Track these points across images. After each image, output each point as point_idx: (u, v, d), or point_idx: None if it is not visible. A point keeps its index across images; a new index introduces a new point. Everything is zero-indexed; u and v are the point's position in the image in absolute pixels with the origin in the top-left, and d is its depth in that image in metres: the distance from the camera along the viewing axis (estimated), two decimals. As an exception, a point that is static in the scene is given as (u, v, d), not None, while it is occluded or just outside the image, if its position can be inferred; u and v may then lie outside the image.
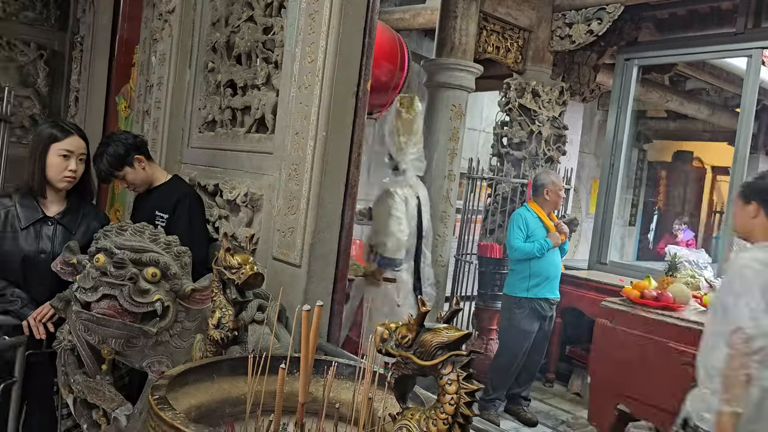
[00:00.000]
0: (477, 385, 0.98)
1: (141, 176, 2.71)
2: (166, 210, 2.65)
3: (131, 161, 2.65)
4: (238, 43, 2.83)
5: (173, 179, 2.80)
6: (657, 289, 3.53)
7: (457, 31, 4.47)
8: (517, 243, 4.12)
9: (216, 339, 1.68)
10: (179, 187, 2.77)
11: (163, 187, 2.76)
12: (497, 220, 5.12)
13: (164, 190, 2.74)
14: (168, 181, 2.78)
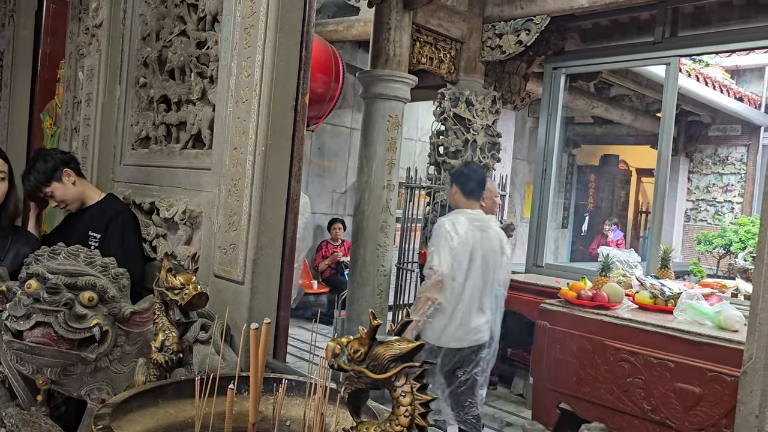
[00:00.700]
0: (431, 396, 0.99)
1: (71, 192, 2.61)
2: (99, 229, 2.56)
3: (59, 176, 2.56)
4: (171, 58, 2.78)
5: (107, 198, 2.72)
6: (592, 290, 3.67)
7: (391, 42, 4.53)
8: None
9: (160, 362, 1.63)
10: (112, 206, 2.68)
11: (96, 206, 2.67)
12: (437, 227, 5.19)
13: (97, 209, 2.65)
14: (101, 200, 2.69)
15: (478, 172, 3.58)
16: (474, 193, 3.49)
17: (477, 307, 3.37)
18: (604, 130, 10.82)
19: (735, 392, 2.88)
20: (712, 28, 4.94)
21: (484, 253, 3.36)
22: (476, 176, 3.52)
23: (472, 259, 3.31)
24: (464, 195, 3.48)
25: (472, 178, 3.49)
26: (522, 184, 10.15)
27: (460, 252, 3.25)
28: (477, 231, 3.36)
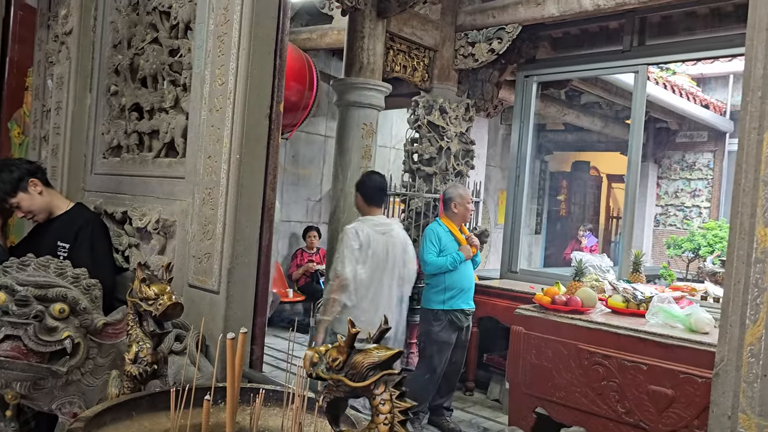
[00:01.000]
0: (410, 403, 1.00)
1: (38, 203, 2.56)
2: (68, 239, 2.51)
3: (25, 186, 2.51)
4: (143, 66, 2.75)
5: (75, 207, 2.67)
6: (566, 294, 3.70)
7: (365, 50, 4.54)
8: (430, 257, 4.21)
9: (134, 374, 1.60)
10: (81, 215, 2.64)
11: (65, 216, 2.62)
12: (412, 234, 5.20)
13: (66, 219, 2.60)
14: (70, 209, 2.64)
15: (375, 180, 3.87)
16: (374, 199, 3.81)
17: (383, 303, 3.75)
18: (576, 137, 10.99)
19: (706, 393, 2.94)
20: (678, 37, 5.05)
21: (387, 255, 3.74)
22: (374, 184, 3.84)
23: (376, 260, 3.69)
24: (366, 202, 3.81)
25: (370, 186, 3.83)
26: (495, 190, 10.24)
27: (363, 256, 3.64)
28: (379, 235, 3.72)
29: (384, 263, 3.72)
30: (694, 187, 10.31)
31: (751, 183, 1.10)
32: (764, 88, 1.09)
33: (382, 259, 3.71)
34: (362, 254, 3.64)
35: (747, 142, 1.11)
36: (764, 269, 1.07)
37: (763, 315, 1.06)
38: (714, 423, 1.12)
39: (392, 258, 3.78)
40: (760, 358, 1.06)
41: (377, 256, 3.68)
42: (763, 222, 1.07)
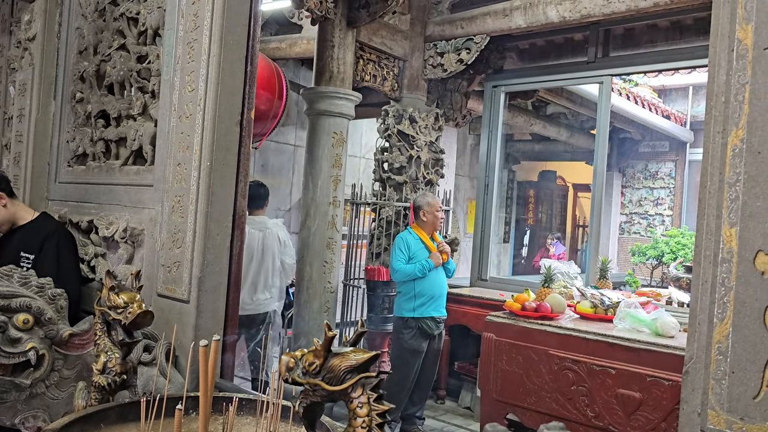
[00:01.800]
0: (388, 406, 0.99)
1: (1, 215, 2.49)
2: (32, 249, 2.45)
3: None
4: (110, 72, 2.71)
5: (40, 217, 2.60)
6: (536, 301, 3.75)
7: (335, 59, 4.55)
8: (399, 265, 4.21)
9: (102, 385, 1.56)
10: (46, 225, 2.57)
11: (29, 226, 2.55)
12: (383, 243, 5.21)
13: (30, 229, 2.54)
14: (34, 219, 2.57)
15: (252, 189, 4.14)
16: (253, 203, 4.37)
17: (261, 286, 4.46)
18: (542, 147, 11.16)
19: (673, 396, 3.00)
20: (640, 49, 5.18)
21: (264, 247, 4.47)
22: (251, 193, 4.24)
23: (253, 251, 4.37)
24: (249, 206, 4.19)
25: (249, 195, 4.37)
26: (464, 200, 10.32)
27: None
28: (257, 231, 4.42)
29: (261, 254, 4.45)
30: (657, 196, 10.55)
31: (716, 185, 1.13)
32: (727, 93, 1.12)
33: (257, 250, 4.44)
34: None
35: (712, 146, 1.14)
36: (730, 269, 1.10)
37: (729, 313, 1.09)
38: (684, 420, 1.14)
39: (269, 250, 4.51)
40: (728, 356, 1.09)
41: (251, 248, 4.35)
42: (728, 223, 1.10)
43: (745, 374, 1.07)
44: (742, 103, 1.10)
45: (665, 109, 9.55)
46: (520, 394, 3.59)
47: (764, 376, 1.05)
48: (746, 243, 1.08)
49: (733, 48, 1.12)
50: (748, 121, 1.10)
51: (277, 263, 4.56)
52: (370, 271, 5.09)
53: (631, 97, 8.42)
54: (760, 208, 1.07)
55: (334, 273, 4.69)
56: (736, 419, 1.08)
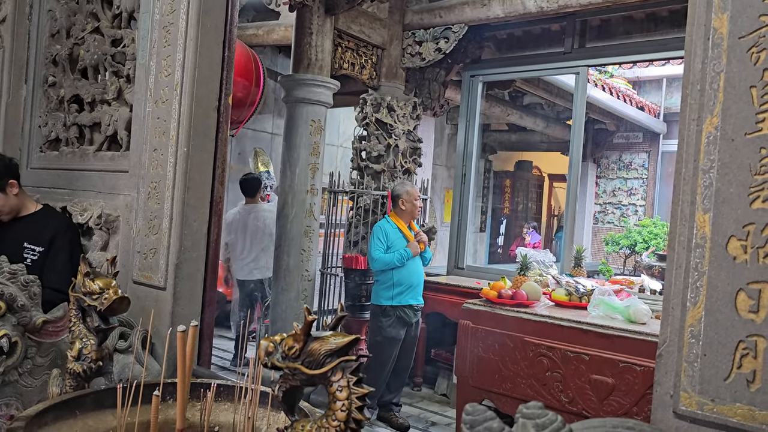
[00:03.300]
0: (368, 389, 1.00)
1: (11, 203, 2.39)
2: (40, 242, 2.36)
3: (4, 186, 2.34)
4: (83, 56, 2.66)
5: (45, 210, 2.50)
6: (512, 288, 3.79)
7: (313, 47, 4.52)
8: (377, 254, 4.22)
9: (78, 372, 1.54)
10: (55, 219, 2.49)
11: (33, 218, 2.45)
12: (360, 232, 5.20)
13: (34, 221, 2.44)
14: (38, 211, 2.47)
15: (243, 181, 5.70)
16: (244, 192, 5.64)
17: (252, 258, 5.51)
18: (519, 137, 11.23)
19: (645, 381, 3.06)
20: (616, 40, 5.24)
21: (252, 226, 5.45)
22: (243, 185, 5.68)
23: (241, 230, 5.50)
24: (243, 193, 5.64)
25: (242, 186, 5.69)
26: (441, 189, 10.36)
27: (227, 228, 5.31)
28: (245, 214, 5.51)
29: (250, 232, 5.44)
30: (631, 186, 10.70)
31: (690, 172, 1.15)
32: (702, 82, 1.14)
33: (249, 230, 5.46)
34: (227, 227, 5.32)
35: (687, 133, 1.16)
36: (704, 254, 1.12)
37: (702, 297, 1.12)
38: (657, 402, 1.17)
39: (257, 229, 5.46)
40: (700, 339, 1.12)
41: (241, 227, 5.47)
42: (702, 209, 1.12)
43: (716, 357, 1.10)
44: (717, 91, 1.12)
45: (639, 101, 9.68)
46: (495, 381, 3.63)
47: (735, 359, 1.08)
48: (719, 229, 1.11)
49: (709, 37, 1.14)
50: (722, 108, 1.12)
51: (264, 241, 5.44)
52: (348, 260, 5.08)
53: (606, 88, 8.51)
54: (732, 195, 1.10)
55: (311, 261, 4.69)
56: (707, 400, 1.10)
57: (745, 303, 1.07)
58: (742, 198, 1.09)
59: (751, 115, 1.09)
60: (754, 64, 1.09)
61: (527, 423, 0.64)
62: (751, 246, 1.07)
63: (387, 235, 4.28)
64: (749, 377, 1.07)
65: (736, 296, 1.08)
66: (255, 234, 5.40)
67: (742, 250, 1.08)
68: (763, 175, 1.07)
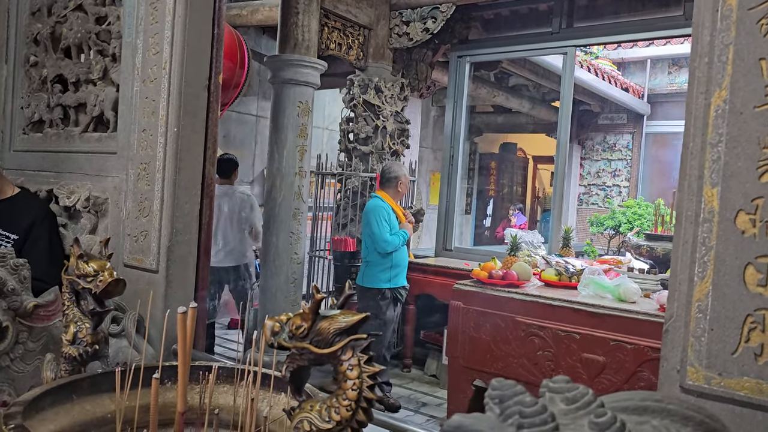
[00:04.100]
0: (379, 367, 0.98)
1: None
2: (16, 229, 2.28)
3: None
4: (66, 35, 2.58)
5: (22, 194, 2.43)
6: (502, 269, 3.79)
7: (300, 27, 4.45)
8: (388, 236, 4.19)
9: (73, 356, 1.51)
10: (33, 205, 2.41)
11: (9, 202, 2.36)
12: (348, 214, 5.19)
13: (11, 206, 2.35)
14: (15, 195, 2.39)
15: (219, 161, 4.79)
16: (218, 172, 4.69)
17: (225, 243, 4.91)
18: (504, 119, 11.22)
19: (635, 359, 3.09)
20: (604, 20, 5.22)
21: (229, 208, 4.95)
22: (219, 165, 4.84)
23: (219, 212, 4.82)
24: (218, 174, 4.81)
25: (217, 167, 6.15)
26: (427, 171, 10.34)
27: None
28: (221, 195, 4.80)
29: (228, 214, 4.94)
30: (615, 167, 10.77)
31: (698, 146, 1.14)
32: (711, 54, 1.13)
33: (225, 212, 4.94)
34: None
35: (695, 107, 1.15)
36: (711, 228, 1.11)
37: (710, 272, 1.11)
38: (664, 377, 1.17)
39: (234, 211, 4.97)
40: (707, 314, 1.11)
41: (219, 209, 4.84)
42: (710, 183, 1.12)
43: (724, 331, 1.10)
44: (725, 63, 1.11)
45: (624, 82, 9.71)
46: (487, 361, 3.65)
47: (742, 333, 1.08)
48: (727, 203, 1.10)
49: (718, 8, 1.12)
50: (731, 81, 1.11)
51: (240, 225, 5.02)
52: (337, 242, 5.07)
53: (591, 69, 8.52)
54: (741, 168, 1.09)
55: (300, 244, 4.66)
56: (714, 374, 1.10)
57: (753, 277, 1.07)
58: (750, 171, 1.08)
59: (760, 87, 1.08)
60: (763, 36, 1.07)
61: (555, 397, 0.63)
62: (760, 220, 1.07)
63: (389, 215, 4.25)
64: (757, 351, 1.07)
65: (745, 270, 1.08)
66: (230, 218, 5.06)
67: (751, 224, 1.08)
68: (773, 148, 1.06)
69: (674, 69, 10.13)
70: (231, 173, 5.08)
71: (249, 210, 4.99)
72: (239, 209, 5.02)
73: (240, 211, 5.00)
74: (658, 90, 10.22)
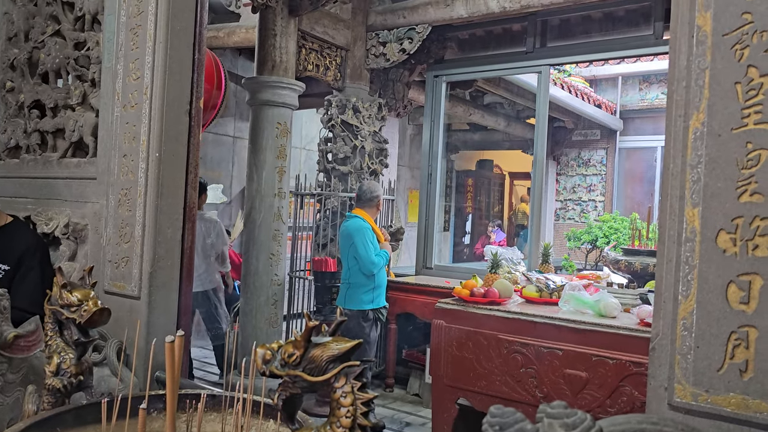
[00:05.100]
0: (372, 394, 0.98)
1: None
2: (7, 260, 2.22)
3: None
4: (44, 60, 2.57)
5: (14, 224, 2.36)
6: (483, 287, 3.81)
7: (277, 48, 4.47)
8: (374, 257, 4.17)
9: (57, 387, 1.48)
10: (24, 236, 2.34)
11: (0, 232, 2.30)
12: (328, 234, 5.18)
13: (2, 236, 2.28)
14: (6, 225, 2.32)
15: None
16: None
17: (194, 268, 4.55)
18: (480, 136, 11.34)
19: (617, 373, 3.12)
20: (576, 39, 5.33)
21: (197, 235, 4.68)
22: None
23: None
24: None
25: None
26: (405, 189, 10.39)
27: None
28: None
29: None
30: (590, 182, 10.93)
31: (678, 167, 1.17)
32: (688, 78, 1.16)
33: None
34: None
35: (674, 129, 1.18)
36: (693, 248, 1.14)
37: (693, 290, 1.14)
38: (652, 394, 1.18)
39: (200, 236, 4.66)
40: (693, 331, 1.14)
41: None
42: (691, 203, 1.15)
43: (709, 348, 1.12)
44: (702, 87, 1.15)
45: (597, 98, 9.89)
46: (470, 379, 3.65)
47: (727, 349, 1.10)
48: (708, 222, 1.13)
49: (693, 34, 1.16)
50: (708, 105, 1.14)
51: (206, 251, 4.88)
52: (318, 263, 5.05)
53: (565, 86, 8.67)
54: (721, 189, 1.12)
55: (280, 265, 4.64)
56: (701, 391, 1.13)
57: (736, 294, 1.10)
58: (730, 192, 1.11)
59: (736, 110, 1.11)
60: (738, 60, 1.11)
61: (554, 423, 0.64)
62: (740, 239, 1.10)
63: (372, 236, 4.24)
64: (742, 367, 1.09)
65: (727, 288, 1.11)
66: (198, 243, 4.80)
67: (732, 242, 1.11)
68: (750, 169, 1.09)
69: (645, 85, 10.36)
70: (199, 197, 4.86)
71: (215, 236, 4.89)
72: (205, 235, 4.90)
73: (205, 238, 4.89)
74: (630, 106, 10.43)
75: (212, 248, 4.90)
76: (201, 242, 4.87)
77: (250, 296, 4.55)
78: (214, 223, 4.98)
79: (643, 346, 2.83)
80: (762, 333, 1.07)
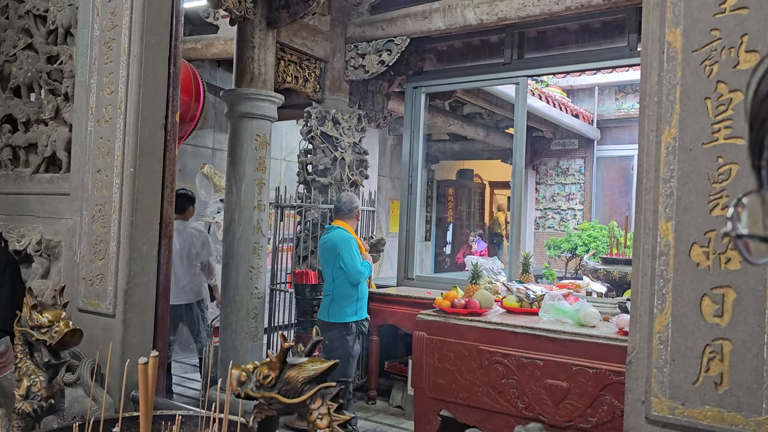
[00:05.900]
0: (350, 415, 0.97)
1: None
2: None
3: None
4: (16, 74, 2.53)
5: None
6: (464, 297, 3.81)
7: (256, 61, 4.46)
8: (360, 267, 4.14)
9: (27, 411, 1.45)
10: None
11: None
12: (309, 246, 5.15)
13: None
14: None
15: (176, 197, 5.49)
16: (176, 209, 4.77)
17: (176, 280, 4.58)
18: (460, 146, 11.40)
19: (597, 383, 3.13)
20: (553, 51, 5.39)
21: (180, 244, 4.79)
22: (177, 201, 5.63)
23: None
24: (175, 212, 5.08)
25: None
26: (386, 200, 10.39)
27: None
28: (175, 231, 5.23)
29: (180, 250, 4.80)
30: (569, 191, 11.02)
31: (652, 181, 1.18)
32: (659, 94, 1.17)
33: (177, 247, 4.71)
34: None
35: (646, 144, 1.19)
36: (668, 261, 1.15)
37: (668, 304, 1.14)
38: (629, 408, 1.18)
39: (185, 246, 4.86)
40: (668, 345, 1.14)
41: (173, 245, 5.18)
42: (664, 217, 1.15)
43: (685, 361, 1.13)
44: (673, 102, 1.16)
45: (574, 108, 10.00)
46: (452, 390, 3.64)
47: (702, 362, 1.11)
48: (682, 236, 1.14)
49: (664, 50, 1.17)
50: (679, 120, 1.15)
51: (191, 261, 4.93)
52: (298, 275, 5.02)
53: (543, 96, 8.75)
54: (693, 203, 1.13)
55: (261, 278, 4.60)
56: (678, 404, 1.13)
57: (709, 308, 1.10)
58: (702, 206, 1.12)
59: (707, 125, 1.13)
60: (707, 76, 1.13)
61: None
62: (713, 252, 1.10)
63: (356, 246, 4.22)
64: (717, 380, 1.10)
65: (701, 301, 1.11)
66: (181, 254, 4.85)
67: (705, 256, 1.11)
68: (721, 183, 1.10)
69: (621, 95, 10.50)
70: (186, 209, 4.93)
71: (200, 246, 4.89)
72: (190, 245, 4.89)
73: (191, 248, 4.88)
74: (607, 116, 10.57)
75: (197, 258, 4.90)
76: (187, 252, 4.88)
77: (230, 310, 4.50)
78: (200, 233, 4.98)
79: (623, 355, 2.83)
80: (736, 346, 1.08)
